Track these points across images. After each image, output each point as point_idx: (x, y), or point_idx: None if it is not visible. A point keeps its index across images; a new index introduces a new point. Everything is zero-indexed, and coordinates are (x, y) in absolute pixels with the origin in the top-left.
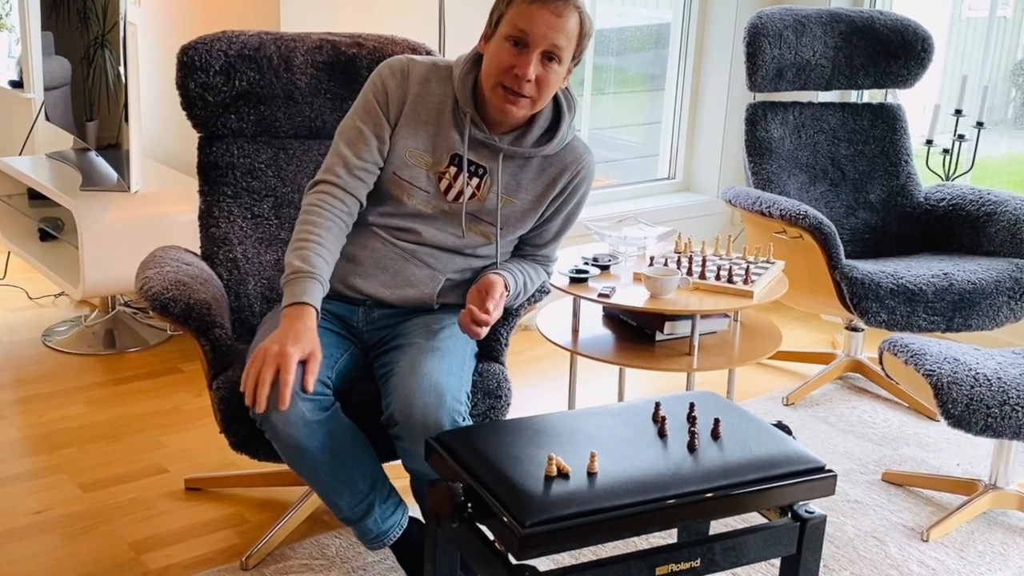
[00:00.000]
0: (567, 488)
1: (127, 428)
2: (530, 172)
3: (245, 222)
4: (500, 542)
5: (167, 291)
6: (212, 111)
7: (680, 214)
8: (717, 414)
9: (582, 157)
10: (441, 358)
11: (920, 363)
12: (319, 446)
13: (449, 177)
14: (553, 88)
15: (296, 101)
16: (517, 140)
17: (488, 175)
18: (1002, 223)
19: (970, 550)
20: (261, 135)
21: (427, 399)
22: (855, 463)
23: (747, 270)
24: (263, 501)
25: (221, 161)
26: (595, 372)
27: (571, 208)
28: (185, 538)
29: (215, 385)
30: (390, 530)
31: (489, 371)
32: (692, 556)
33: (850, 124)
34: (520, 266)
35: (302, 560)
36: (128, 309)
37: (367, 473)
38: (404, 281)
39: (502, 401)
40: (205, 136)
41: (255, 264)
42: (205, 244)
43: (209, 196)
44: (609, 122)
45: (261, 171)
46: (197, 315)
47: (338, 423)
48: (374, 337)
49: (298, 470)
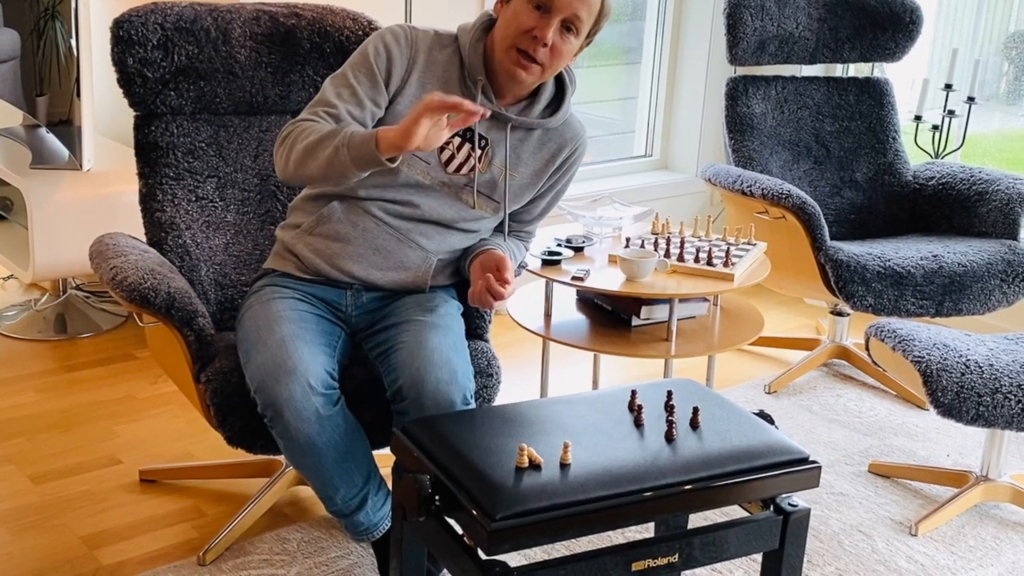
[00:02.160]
0: (539, 480)
1: (79, 417)
2: (530, 146)
3: (190, 205)
4: (469, 536)
5: (144, 280)
6: (151, 88)
7: (657, 193)
8: (696, 402)
9: (579, 135)
10: (445, 335)
11: (908, 349)
12: (328, 441)
13: (452, 148)
14: (564, 60)
15: (236, 75)
16: (524, 111)
17: (491, 146)
18: (994, 203)
19: (960, 545)
20: (200, 112)
21: (439, 374)
22: (840, 454)
23: (727, 252)
24: (221, 493)
25: (161, 141)
26: (568, 359)
27: (562, 185)
28: (140, 532)
29: (203, 378)
30: (380, 522)
31: (478, 350)
32: (670, 551)
33: (835, 99)
34: (510, 242)
35: (262, 555)
36: (80, 293)
37: (364, 466)
38: (396, 263)
39: (494, 380)
40: (142, 115)
41: (205, 249)
42: (151, 230)
43: (151, 179)
44: (583, 97)
45: (202, 150)
46: (179, 305)
47: (345, 417)
48: (363, 321)
49: (300, 464)
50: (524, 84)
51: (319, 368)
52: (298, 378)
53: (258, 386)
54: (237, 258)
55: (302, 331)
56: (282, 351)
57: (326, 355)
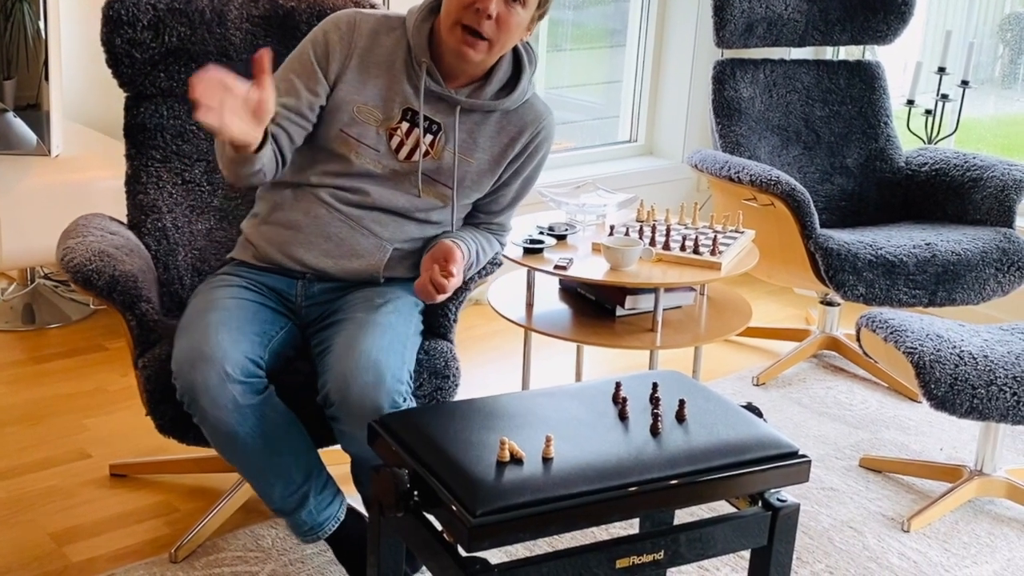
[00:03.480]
0: (521, 475)
1: (47, 410)
2: (488, 130)
3: (175, 188)
4: (449, 533)
5: (90, 262)
6: (140, 69)
7: (642, 180)
8: (682, 395)
9: (542, 117)
10: (382, 334)
11: (900, 340)
12: (251, 432)
13: (401, 134)
14: (514, 33)
15: (230, 58)
16: (475, 93)
17: (443, 132)
18: (988, 189)
19: (954, 541)
20: None
21: (365, 378)
22: (831, 448)
23: (714, 240)
24: (194, 488)
25: (150, 123)
26: (551, 350)
27: (529, 172)
28: (110, 528)
29: (141, 363)
30: (325, 522)
31: (436, 349)
32: (655, 548)
33: (825, 83)
34: (473, 235)
35: (235, 552)
36: (48, 282)
37: (302, 462)
38: (349, 251)
39: (450, 382)
40: (132, 96)
41: (185, 233)
42: (132, 212)
43: (136, 160)
44: (566, 81)
45: (192, 133)
46: (122, 288)
47: (272, 408)
48: (313, 313)
49: (228, 457)
50: (474, 62)
51: (239, 355)
52: (214, 364)
53: (176, 372)
54: (219, 244)
55: (231, 318)
56: (203, 337)
57: (253, 343)
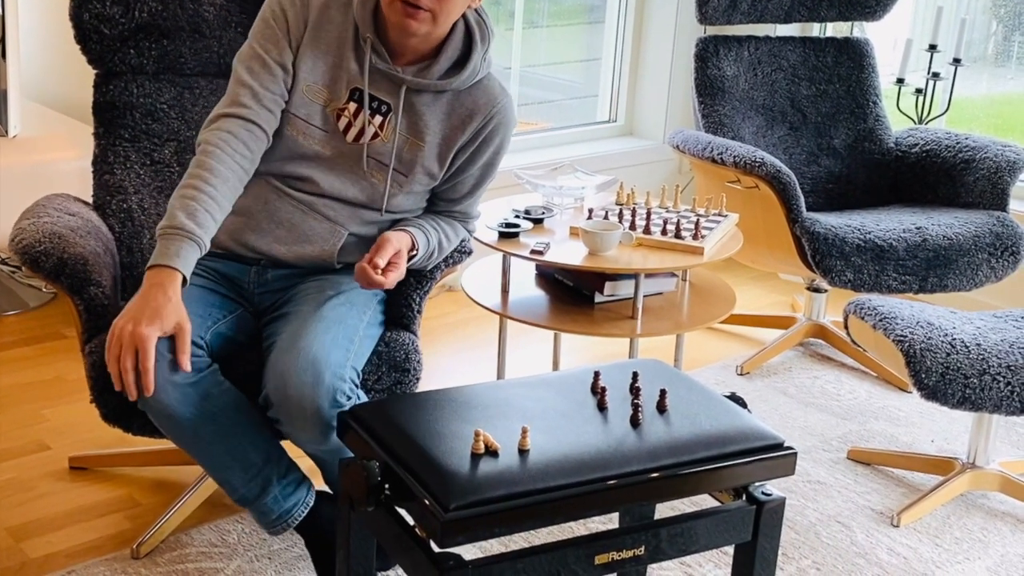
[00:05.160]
0: (496, 467)
1: (4, 400)
2: (438, 112)
3: (143, 169)
4: (421, 528)
5: (39, 243)
6: (109, 45)
7: (622, 161)
8: (663, 384)
9: (497, 99)
10: (326, 329)
11: (890, 328)
12: (196, 413)
13: (348, 115)
14: (457, 4)
15: (203, 35)
16: (422, 71)
17: (392, 113)
18: (981, 171)
19: (946, 536)
20: (164, 72)
21: (302, 377)
22: (817, 439)
23: (697, 224)
24: (156, 482)
25: (119, 101)
26: (527, 338)
27: (488, 158)
28: (69, 523)
29: (88, 349)
30: (293, 508)
31: (397, 341)
32: (635, 543)
33: (812, 61)
34: (435, 223)
35: (200, 548)
36: (5, 267)
37: (259, 444)
38: (301, 236)
39: (410, 375)
40: (101, 73)
41: (152, 216)
42: (98, 192)
43: (104, 140)
44: (543, 59)
45: (163, 112)
46: (71, 271)
47: (216, 386)
48: (266, 300)
49: (181, 443)
50: (417, 36)
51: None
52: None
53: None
54: None
55: None
56: None
57: (192, 322)
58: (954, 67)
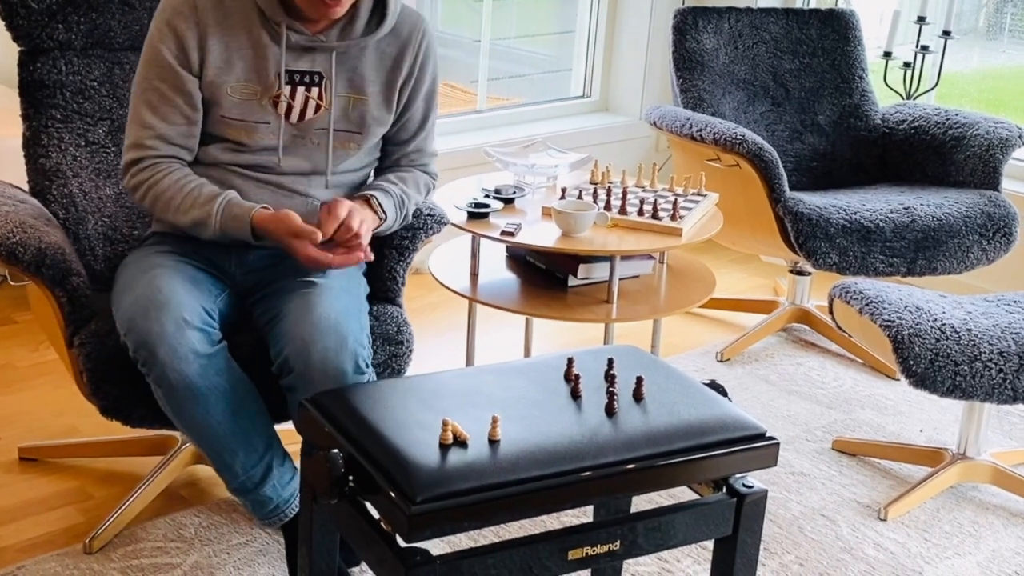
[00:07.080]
0: (465, 458)
1: None
2: (370, 61)
3: (79, 151)
4: (386, 521)
5: (13, 234)
6: (36, 20)
7: (597, 138)
8: (640, 372)
9: (417, 25)
10: (337, 297)
11: (877, 312)
12: (212, 387)
13: (286, 97)
14: None
15: (133, 7)
16: (344, 32)
17: (326, 80)
18: (972, 149)
19: (935, 530)
20: (93, 48)
21: (327, 342)
22: (801, 429)
23: (675, 204)
24: (109, 473)
25: (48, 79)
26: (498, 323)
27: (429, 85)
28: (19, 516)
29: (77, 341)
30: (291, 499)
31: (386, 314)
32: (611, 537)
33: (795, 33)
34: (393, 178)
35: (155, 542)
36: None
37: (263, 428)
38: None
39: (404, 347)
40: (27, 50)
41: (94, 200)
42: (34, 178)
43: (35, 121)
44: (514, 31)
45: (94, 90)
46: (52, 261)
47: (227, 362)
48: (250, 280)
49: (188, 420)
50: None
51: (194, 303)
52: (171, 311)
53: (128, 327)
54: (130, 210)
55: (177, 272)
56: (153, 288)
57: (204, 295)
58: (944, 40)
